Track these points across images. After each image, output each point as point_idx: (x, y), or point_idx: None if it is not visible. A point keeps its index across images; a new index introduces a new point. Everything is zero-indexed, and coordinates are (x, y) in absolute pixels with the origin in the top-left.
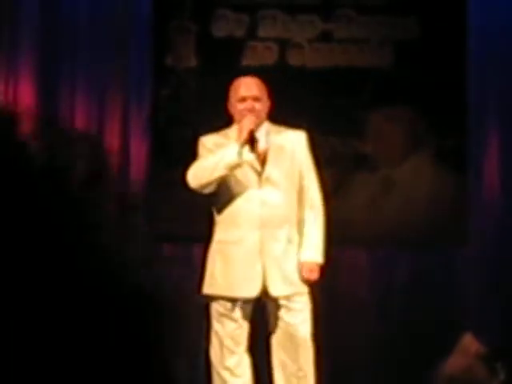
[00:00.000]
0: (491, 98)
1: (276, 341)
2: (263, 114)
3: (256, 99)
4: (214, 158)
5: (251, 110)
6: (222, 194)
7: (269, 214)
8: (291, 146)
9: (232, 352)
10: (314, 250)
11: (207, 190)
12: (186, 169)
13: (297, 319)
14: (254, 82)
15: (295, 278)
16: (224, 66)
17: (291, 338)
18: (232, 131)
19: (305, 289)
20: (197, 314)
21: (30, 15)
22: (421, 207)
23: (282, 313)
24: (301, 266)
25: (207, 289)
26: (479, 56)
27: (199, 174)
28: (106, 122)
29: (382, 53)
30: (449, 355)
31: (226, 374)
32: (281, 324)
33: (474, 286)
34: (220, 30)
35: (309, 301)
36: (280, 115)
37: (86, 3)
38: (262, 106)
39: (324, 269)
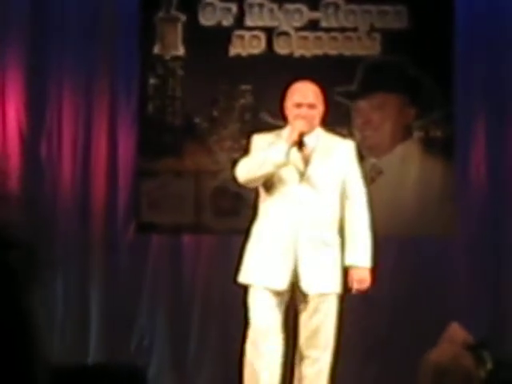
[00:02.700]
0: (479, 87)
1: (301, 340)
2: (316, 121)
3: (311, 106)
4: (263, 155)
5: (305, 117)
6: (266, 189)
7: (306, 213)
8: (339, 152)
9: (264, 340)
10: (361, 255)
11: (253, 185)
12: (175, 158)
13: (321, 321)
14: (310, 88)
15: (329, 278)
16: (211, 54)
17: (312, 338)
18: (284, 132)
19: (335, 290)
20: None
21: (18, 4)
22: (408, 196)
23: (310, 313)
24: (350, 274)
25: (242, 277)
26: (467, 45)
27: (247, 169)
28: (93, 112)
29: (370, 42)
30: (436, 344)
31: (257, 364)
32: (308, 324)
33: (461, 274)
34: (207, 19)
35: (336, 303)
36: (268, 104)
37: None
38: (316, 113)
39: (374, 273)
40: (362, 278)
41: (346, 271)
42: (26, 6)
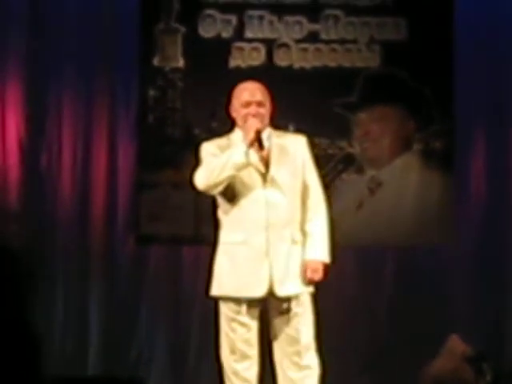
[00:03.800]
0: (478, 99)
1: (278, 346)
2: (266, 119)
3: (260, 104)
4: (222, 158)
5: (255, 115)
6: (227, 196)
7: (274, 215)
8: (293, 148)
9: (245, 355)
10: (318, 249)
11: (215, 191)
12: (174, 169)
13: (300, 323)
14: (257, 87)
15: (299, 278)
16: (211, 66)
17: (292, 341)
18: (234, 135)
19: (309, 289)
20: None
21: (17, 15)
22: (408, 208)
23: (286, 316)
24: (305, 266)
25: (215, 290)
26: (467, 57)
27: (207, 175)
28: (93, 123)
29: (370, 53)
30: (436, 356)
31: (233, 378)
32: (284, 327)
33: (461, 285)
34: (207, 31)
35: (310, 302)
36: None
37: (73, 4)
38: (266, 111)
39: (329, 268)
40: (315, 268)
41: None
42: (24, 19)
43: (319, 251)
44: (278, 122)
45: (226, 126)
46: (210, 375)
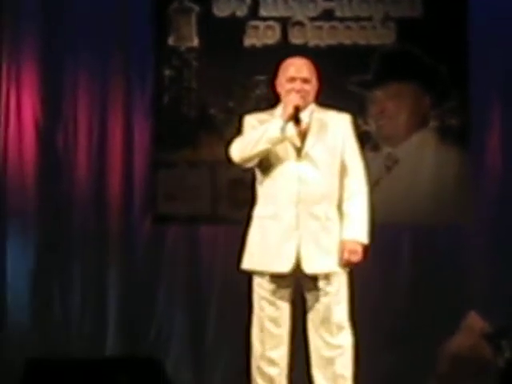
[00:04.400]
0: (493, 76)
1: (312, 324)
2: (311, 96)
3: (305, 81)
4: (258, 132)
5: (299, 91)
6: (262, 169)
7: (306, 190)
8: (335, 126)
9: (272, 335)
10: (356, 229)
11: (249, 164)
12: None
13: (332, 302)
14: (304, 63)
15: (333, 256)
16: (226, 45)
17: (324, 320)
18: (278, 110)
19: (342, 268)
20: None
21: None
22: (424, 184)
23: (318, 295)
24: (342, 246)
25: (245, 263)
26: (482, 34)
27: (242, 148)
28: (109, 103)
29: (385, 31)
30: (455, 333)
31: (262, 363)
32: (317, 306)
33: (478, 262)
34: (221, 10)
35: (345, 281)
36: None
37: None
38: (311, 88)
39: (368, 250)
40: (353, 249)
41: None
42: (39, 1)
43: (357, 231)
44: None
45: (241, 105)
46: (228, 355)
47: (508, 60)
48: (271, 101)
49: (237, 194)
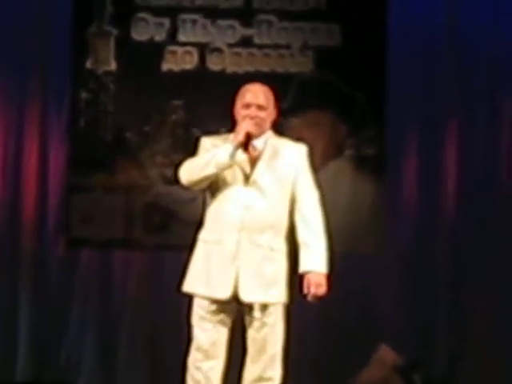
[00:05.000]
0: (410, 106)
1: (248, 355)
2: (267, 123)
3: (260, 108)
4: (207, 156)
5: (254, 118)
6: (211, 192)
7: (250, 218)
8: (288, 156)
9: (207, 355)
10: (317, 260)
11: (196, 187)
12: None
13: (268, 333)
14: (261, 89)
15: (275, 287)
16: (144, 69)
17: (260, 351)
18: (231, 135)
19: (280, 299)
20: None
21: None
22: (339, 213)
23: (255, 325)
24: (307, 280)
25: (186, 286)
26: (400, 63)
27: (190, 171)
28: (24, 126)
29: (303, 59)
30: (365, 365)
31: (198, 375)
32: (254, 336)
33: (390, 294)
34: (140, 34)
35: (282, 314)
36: (200, 120)
37: (3, 4)
38: (266, 115)
39: (330, 279)
40: (318, 282)
41: (301, 278)
42: None
43: (318, 262)
44: (210, 126)
45: (158, 129)
46: (140, 379)
47: (425, 90)
48: (188, 126)
49: (152, 218)
